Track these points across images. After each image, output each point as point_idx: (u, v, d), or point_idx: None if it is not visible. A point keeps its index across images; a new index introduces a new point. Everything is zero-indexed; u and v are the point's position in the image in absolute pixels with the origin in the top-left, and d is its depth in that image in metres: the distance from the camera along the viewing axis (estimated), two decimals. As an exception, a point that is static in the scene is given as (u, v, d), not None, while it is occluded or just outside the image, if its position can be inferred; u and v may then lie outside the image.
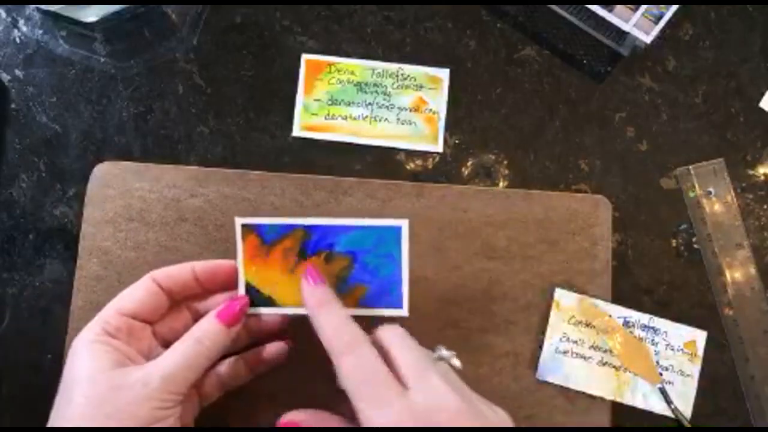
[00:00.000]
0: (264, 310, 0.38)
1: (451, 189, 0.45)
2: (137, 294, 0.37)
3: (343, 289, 0.37)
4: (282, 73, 0.48)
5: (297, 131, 0.47)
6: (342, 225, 0.37)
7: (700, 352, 0.44)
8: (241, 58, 0.48)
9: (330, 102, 0.47)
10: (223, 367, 0.39)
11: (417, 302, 0.38)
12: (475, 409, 0.31)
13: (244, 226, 0.37)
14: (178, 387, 0.33)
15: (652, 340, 0.44)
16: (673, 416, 0.43)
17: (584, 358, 0.43)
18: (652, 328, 0.44)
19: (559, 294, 0.44)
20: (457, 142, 0.47)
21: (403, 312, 0.37)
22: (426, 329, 0.41)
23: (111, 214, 0.44)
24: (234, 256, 0.38)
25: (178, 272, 0.38)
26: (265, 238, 0.37)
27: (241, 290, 0.38)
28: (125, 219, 0.44)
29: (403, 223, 0.37)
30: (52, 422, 0.33)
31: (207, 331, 0.35)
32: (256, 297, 0.38)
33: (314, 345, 0.33)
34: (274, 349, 0.39)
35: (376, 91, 0.47)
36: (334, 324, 0.33)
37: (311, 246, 0.37)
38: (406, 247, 0.37)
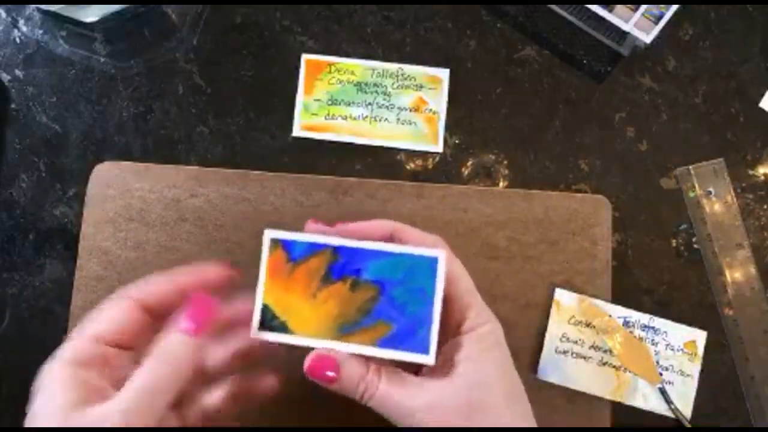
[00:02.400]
0: (276, 337, 0.34)
1: (451, 189, 0.45)
2: (116, 318, 0.32)
3: (364, 324, 0.33)
4: (282, 73, 0.48)
5: (297, 131, 0.47)
6: (372, 249, 0.33)
7: (700, 352, 0.44)
8: (241, 58, 0.48)
9: (330, 102, 0.47)
10: (206, 399, 0.35)
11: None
12: None
13: (272, 240, 0.35)
14: (144, 417, 0.29)
15: (652, 340, 0.44)
16: (673, 416, 0.43)
17: (584, 358, 0.43)
18: (652, 328, 0.44)
19: (559, 294, 0.44)
20: (457, 142, 0.47)
21: (429, 359, 0.32)
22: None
23: (111, 214, 0.44)
24: (235, 257, 0.38)
25: (158, 289, 0.33)
26: (291, 255, 0.35)
27: (258, 308, 0.34)
28: (125, 219, 0.44)
29: (440, 255, 0.32)
30: None
31: (169, 347, 0.31)
32: (270, 321, 0.34)
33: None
34: (262, 383, 0.35)
35: (376, 91, 0.47)
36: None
37: (337, 270, 0.34)
38: (442, 283, 0.32)
